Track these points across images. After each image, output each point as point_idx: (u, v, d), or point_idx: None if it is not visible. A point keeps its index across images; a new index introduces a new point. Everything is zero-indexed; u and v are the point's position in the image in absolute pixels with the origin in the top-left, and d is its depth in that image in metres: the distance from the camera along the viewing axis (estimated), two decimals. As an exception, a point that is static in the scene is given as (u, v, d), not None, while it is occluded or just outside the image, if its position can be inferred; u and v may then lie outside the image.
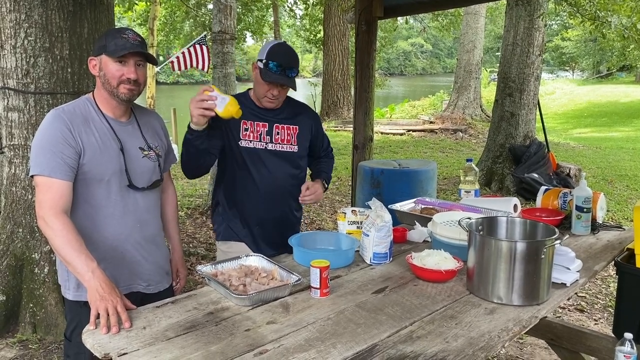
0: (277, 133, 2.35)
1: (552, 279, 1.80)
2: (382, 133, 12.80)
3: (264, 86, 2.23)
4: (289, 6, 18.39)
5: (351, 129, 6.19)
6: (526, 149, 7.27)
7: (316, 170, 2.60)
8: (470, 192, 2.80)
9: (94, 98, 1.93)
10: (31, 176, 1.80)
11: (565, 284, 1.87)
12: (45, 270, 3.30)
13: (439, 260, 1.92)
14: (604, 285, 4.24)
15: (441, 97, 18.83)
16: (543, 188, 2.87)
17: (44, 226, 1.75)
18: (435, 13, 16.17)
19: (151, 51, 14.09)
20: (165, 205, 2.21)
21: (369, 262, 2.06)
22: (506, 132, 7.47)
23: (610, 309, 3.77)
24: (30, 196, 3.31)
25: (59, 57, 3.23)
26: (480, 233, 1.87)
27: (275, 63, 2.18)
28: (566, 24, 30.40)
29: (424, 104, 19.75)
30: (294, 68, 2.23)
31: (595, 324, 3.61)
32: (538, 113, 7.59)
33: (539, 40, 7.26)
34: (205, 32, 12.74)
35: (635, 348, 1.85)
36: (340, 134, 12.79)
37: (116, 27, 2.12)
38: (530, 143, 7.38)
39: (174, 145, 2.79)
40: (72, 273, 1.76)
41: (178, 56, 11.22)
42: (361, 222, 2.20)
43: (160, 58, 23.74)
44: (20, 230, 3.35)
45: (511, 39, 7.33)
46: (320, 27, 16.81)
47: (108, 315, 1.54)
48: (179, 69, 11.26)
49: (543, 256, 1.69)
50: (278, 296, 1.73)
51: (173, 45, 21.39)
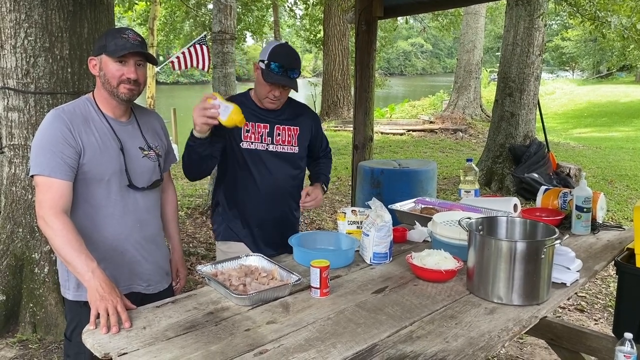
0: (278, 134, 2.35)
1: (552, 278, 1.80)
2: (382, 133, 12.80)
3: (266, 87, 2.23)
4: (289, 6, 18.39)
5: (351, 128, 6.19)
6: (526, 149, 7.27)
7: (315, 172, 2.60)
8: (470, 192, 2.80)
9: (94, 98, 1.93)
10: (31, 176, 1.80)
11: (565, 284, 1.87)
12: (45, 270, 3.30)
13: (439, 260, 1.92)
14: (604, 285, 4.24)
15: (441, 97, 18.83)
16: (543, 188, 2.87)
17: (44, 226, 1.75)
18: (435, 13, 16.17)
19: (151, 51, 14.09)
20: (165, 205, 2.21)
21: (369, 262, 2.06)
22: (506, 132, 7.47)
23: (610, 309, 3.77)
24: (30, 196, 3.31)
25: (59, 57, 3.23)
26: (480, 233, 1.87)
27: (277, 64, 2.18)
28: (566, 24, 30.40)
29: (424, 103, 19.76)
30: (296, 69, 2.23)
31: (595, 324, 3.61)
32: (538, 113, 7.59)
33: (539, 40, 7.26)
34: (205, 32, 12.74)
35: (635, 348, 1.85)
36: (340, 134, 12.79)
37: (116, 27, 2.12)
38: (530, 143, 7.38)
39: (174, 145, 2.79)
40: (72, 273, 1.76)
41: (178, 56, 11.23)
42: (361, 222, 2.20)
43: (160, 58, 23.75)
44: (20, 230, 3.35)
45: (511, 38, 7.32)
46: (320, 27, 16.81)
47: (108, 315, 1.54)
48: (179, 68, 11.27)
49: (543, 256, 1.69)
50: (278, 296, 1.73)
51: (173, 45, 21.40)
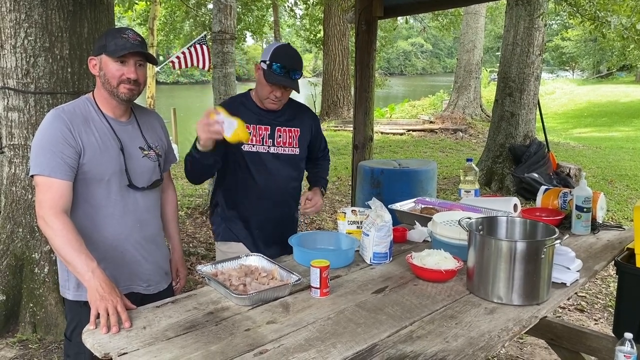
0: (279, 136, 2.35)
1: (552, 278, 1.80)
2: (382, 133, 12.80)
3: (267, 87, 2.22)
4: (289, 6, 18.39)
5: (351, 128, 6.19)
6: (526, 149, 7.27)
7: (313, 175, 2.59)
8: (470, 192, 2.80)
9: (94, 98, 1.93)
10: (31, 176, 1.80)
11: (565, 284, 1.87)
12: (45, 270, 3.30)
13: (439, 260, 1.92)
14: (604, 285, 4.24)
15: (441, 97, 18.83)
16: (543, 188, 2.87)
17: (44, 226, 1.75)
18: (435, 13, 16.17)
19: (151, 51, 14.09)
20: (165, 205, 2.21)
21: (369, 262, 2.06)
22: (506, 132, 7.46)
23: (610, 309, 3.77)
24: (30, 196, 3.31)
25: (59, 57, 3.23)
26: (480, 233, 1.87)
27: (279, 65, 2.17)
28: (566, 24, 30.38)
29: (424, 103, 19.75)
30: (298, 70, 2.22)
31: (595, 324, 3.61)
32: (538, 113, 7.59)
33: (539, 40, 7.25)
34: (205, 32, 12.74)
35: (635, 348, 1.85)
36: (340, 134, 12.78)
37: (116, 27, 2.12)
38: (530, 143, 7.38)
39: (174, 145, 2.78)
40: (72, 273, 1.76)
41: (178, 56, 11.24)
42: (361, 222, 2.20)
43: (160, 58, 23.76)
44: (20, 230, 3.35)
45: (511, 38, 7.32)
46: (320, 27, 16.81)
47: (108, 315, 1.54)
48: (179, 67, 11.28)
49: (543, 256, 1.69)
50: (278, 296, 1.73)
51: (173, 45, 21.40)
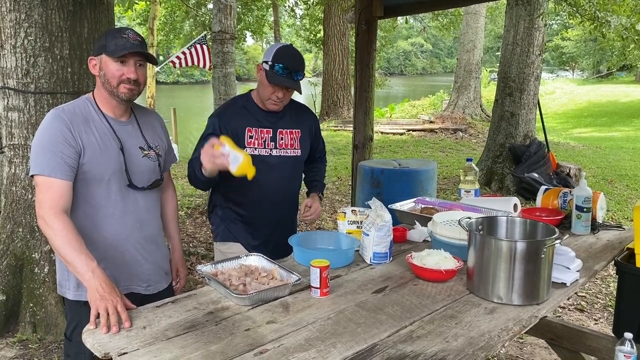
0: (281, 138, 2.35)
1: (552, 278, 1.80)
2: (382, 133, 12.79)
3: (269, 88, 2.21)
4: (289, 6, 18.39)
5: (351, 128, 6.19)
6: (526, 149, 7.27)
7: (311, 180, 2.59)
8: (470, 192, 2.80)
9: (93, 98, 1.93)
10: (31, 176, 1.80)
11: (565, 284, 1.87)
12: (45, 269, 3.30)
13: (439, 260, 1.92)
14: (604, 285, 4.24)
15: (441, 97, 18.83)
16: (543, 188, 2.87)
17: (44, 226, 1.75)
18: (435, 13, 16.17)
19: (151, 51, 14.10)
20: (165, 205, 2.21)
21: (369, 262, 2.06)
22: (506, 132, 7.46)
23: (610, 309, 3.77)
24: (30, 196, 3.31)
25: (59, 57, 3.23)
26: (480, 233, 1.87)
27: (282, 65, 2.17)
28: (566, 24, 30.37)
29: (424, 103, 19.75)
30: (300, 71, 2.21)
31: (595, 324, 3.61)
32: (538, 113, 7.59)
33: (539, 39, 7.25)
34: (205, 32, 12.74)
35: (635, 348, 1.85)
36: (340, 134, 12.78)
37: (116, 27, 2.12)
38: (530, 143, 7.38)
39: (174, 145, 2.78)
40: (72, 273, 1.76)
41: (178, 56, 11.25)
42: (361, 222, 2.20)
43: (160, 58, 23.75)
44: (20, 229, 3.35)
45: (511, 38, 7.32)
46: (320, 27, 16.80)
47: (108, 314, 1.54)
48: (179, 65, 11.29)
49: (543, 256, 1.69)
50: (278, 296, 1.73)
51: (173, 45, 21.39)
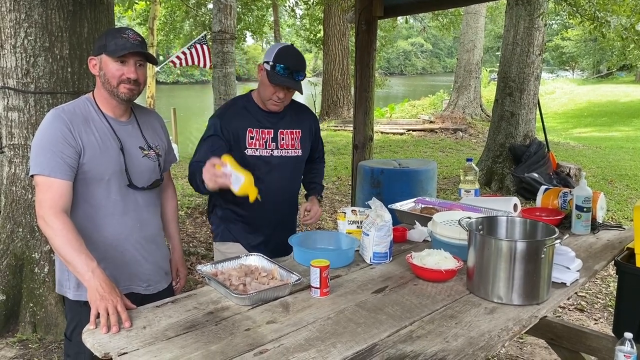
0: (282, 139, 2.34)
1: (552, 278, 1.80)
2: (382, 133, 12.80)
3: (270, 88, 2.21)
4: (289, 6, 18.39)
5: (351, 128, 6.19)
6: (526, 149, 7.27)
7: (309, 182, 2.58)
8: (470, 192, 2.80)
9: (93, 98, 1.93)
10: (31, 176, 1.80)
11: (565, 284, 1.87)
12: (45, 269, 3.30)
13: (439, 260, 1.92)
14: (604, 285, 4.24)
15: (441, 97, 18.83)
16: (543, 187, 2.87)
17: (44, 226, 1.75)
18: (435, 12, 16.17)
19: (151, 51, 14.10)
20: (165, 205, 2.21)
21: (369, 262, 2.06)
22: (506, 132, 7.46)
23: (610, 309, 3.77)
24: (30, 196, 3.31)
25: (59, 57, 3.23)
26: (480, 232, 1.87)
27: (283, 66, 2.16)
28: (566, 24, 30.36)
29: (424, 103, 19.75)
30: (301, 72, 2.21)
31: (595, 324, 3.61)
32: (538, 112, 7.59)
33: (539, 39, 7.25)
34: (205, 32, 12.75)
35: (635, 347, 1.85)
36: (340, 134, 12.78)
37: (116, 27, 2.12)
38: (530, 143, 7.38)
39: (174, 145, 2.77)
40: (72, 273, 1.76)
41: (179, 55, 11.26)
42: (361, 222, 2.20)
43: (160, 58, 23.77)
44: (20, 229, 3.35)
45: (511, 38, 7.32)
46: (320, 27, 16.80)
47: (108, 314, 1.54)
48: (180, 64, 11.30)
49: (543, 256, 1.69)
50: (278, 296, 1.73)
51: (173, 45, 21.40)
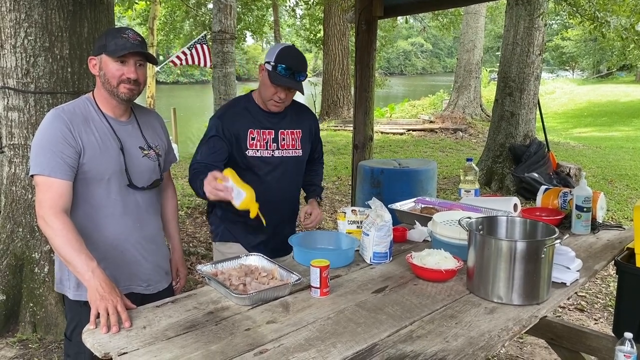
0: (283, 139, 2.34)
1: (552, 278, 1.80)
2: (382, 132, 12.79)
3: (271, 89, 2.21)
4: (290, 6, 18.39)
5: (351, 128, 6.19)
6: (526, 149, 7.27)
7: (308, 184, 2.58)
8: (470, 192, 2.80)
9: (93, 97, 1.93)
10: (31, 176, 1.80)
11: (565, 284, 1.87)
12: (46, 269, 3.30)
13: (439, 260, 1.92)
14: (604, 285, 4.24)
15: (441, 97, 18.83)
16: (543, 187, 2.87)
17: (44, 226, 1.75)
18: (435, 12, 16.17)
19: (151, 51, 14.11)
20: (165, 205, 2.21)
21: (369, 262, 2.06)
22: (506, 132, 7.46)
23: (610, 309, 3.77)
24: (30, 195, 3.31)
25: (59, 57, 3.23)
26: (480, 232, 1.87)
27: (284, 66, 2.16)
28: (566, 24, 30.36)
29: (424, 103, 19.75)
30: (303, 72, 2.21)
31: (595, 324, 3.61)
32: (538, 112, 7.59)
33: (539, 39, 7.25)
34: (205, 32, 12.75)
35: (635, 347, 1.85)
36: (340, 134, 12.78)
37: (116, 27, 2.12)
38: (530, 142, 7.38)
39: (174, 145, 2.77)
40: (72, 272, 1.76)
41: (179, 55, 11.27)
42: (361, 222, 2.20)
43: (160, 57, 23.77)
44: (20, 229, 3.35)
45: (511, 38, 7.32)
46: (320, 27, 16.80)
47: (108, 314, 1.54)
48: (180, 64, 11.31)
49: (543, 256, 1.69)
50: (278, 295, 1.73)
51: (173, 45, 21.41)
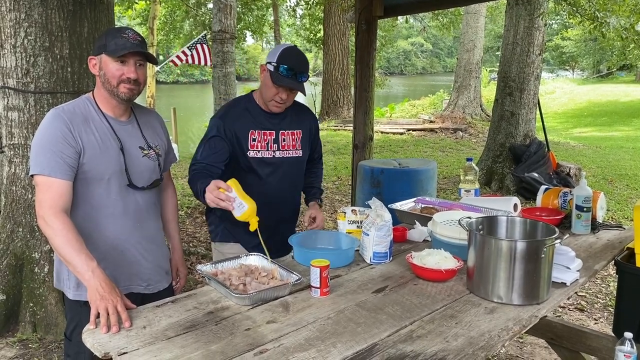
0: (283, 140, 2.34)
1: (552, 278, 1.80)
2: (382, 132, 12.79)
3: (273, 89, 2.20)
4: (290, 6, 18.40)
5: (351, 128, 6.19)
6: (526, 149, 7.27)
7: (309, 185, 2.57)
8: (470, 192, 2.80)
9: (93, 97, 1.93)
10: (31, 175, 1.80)
11: (565, 283, 1.87)
12: (46, 269, 3.30)
13: (439, 260, 1.92)
14: (604, 285, 4.24)
15: (441, 97, 18.83)
16: (543, 187, 2.87)
17: (44, 225, 1.75)
18: (435, 12, 16.17)
19: (151, 50, 14.11)
20: (165, 205, 2.21)
21: (369, 262, 2.06)
22: (506, 132, 7.46)
23: (610, 309, 3.77)
24: (30, 195, 3.31)
25: (58, 57, 3.23)
26: (481, 232, 1.87)
27: (287, 67, 2.15)
28: (566, 24, 30.34)
29: (424, 103, 19.75)
30: (305, 73, 2.21)
31: (595, 324, 3.61)
32: (538, 112, 7.59)
33: (539, 39, 7.25)
34: (205, 32, 12.75)
35: (635, 347, 1.85)
36: (340, 134, 12.77)
37: (116, 27, 2.12)
38: (531, 142, 7.38)
39: (174, 145, 2.77)
40: (72, 272, 1.76)
41: (179, 55, 11.28)
42: (361, 222, 2.20)
43: (160, 57, 23.78)
44: (20, 229, 3.35)
45: (511, 38, 7.32)
46: (320, 27, 16.79)
47: (108, 314, 1.54)
48: (180, 62, 11.33)
49: (543, 255, 1.69)
50: (278, 295, 1.73)
51: (173, 44, 21.41)
